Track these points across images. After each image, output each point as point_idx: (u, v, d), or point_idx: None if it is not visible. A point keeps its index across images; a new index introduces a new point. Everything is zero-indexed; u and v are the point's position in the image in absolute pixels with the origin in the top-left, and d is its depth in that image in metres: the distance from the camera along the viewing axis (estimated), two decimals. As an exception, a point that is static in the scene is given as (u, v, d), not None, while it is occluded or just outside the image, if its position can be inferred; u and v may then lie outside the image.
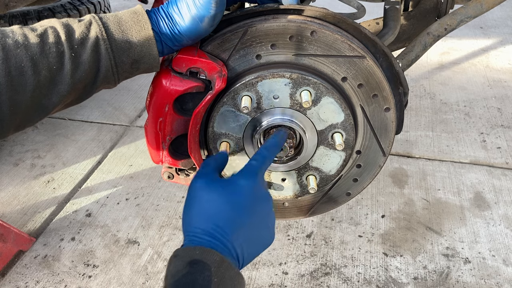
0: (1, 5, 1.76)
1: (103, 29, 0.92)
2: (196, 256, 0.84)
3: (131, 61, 0.96)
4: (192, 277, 0.81)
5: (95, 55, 0.92)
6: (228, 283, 0.83)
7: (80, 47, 0.91)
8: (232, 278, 0.85)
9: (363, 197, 2.47)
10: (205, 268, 0.82)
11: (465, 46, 4.22)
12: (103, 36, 0.92)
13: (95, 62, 0.92)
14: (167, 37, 0.99)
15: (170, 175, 1.25)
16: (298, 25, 1.07)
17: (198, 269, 0.82)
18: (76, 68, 0.90)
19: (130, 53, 0.95)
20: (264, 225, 0.96)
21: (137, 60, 0.97)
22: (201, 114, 1.11)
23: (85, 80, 0.93)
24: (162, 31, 0.98)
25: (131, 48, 0.95)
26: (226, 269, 0.84)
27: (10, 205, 2.50)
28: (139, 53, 0.96)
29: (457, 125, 3.09)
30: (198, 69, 1.06)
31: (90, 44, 0.91)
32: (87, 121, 3.22)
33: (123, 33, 0.94)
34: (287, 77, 1.08)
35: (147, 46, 0.96)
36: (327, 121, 1.14)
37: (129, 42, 0.94)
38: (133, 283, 2.05)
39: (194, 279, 0.81)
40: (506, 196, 2.48)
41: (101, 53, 0.92)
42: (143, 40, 0.95)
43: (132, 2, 5.52)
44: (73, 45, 0.90)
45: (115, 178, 2.69)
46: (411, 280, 2.03)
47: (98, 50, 0.92)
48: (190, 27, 0.99)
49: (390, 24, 1.65)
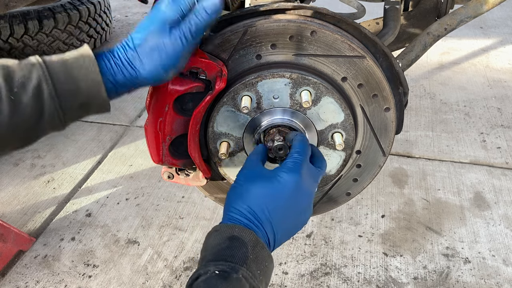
0: (1, 5, 1.76)
1: (47, 72, 0.87)
2: (235, 232, 0.91)
3: (78, 105, 0.91)
4: (231, 251, 0.88)
5: (36, 99, 0.86)
6: (261, 262, 0.90)
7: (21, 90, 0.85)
8: (265, 258, 0.91)
9: (363, 197, 2.47)
10: (243, 245, 0.89)
11: (465, 46, 4.22)
12: (46, 79, 0.86)
13: (37, 106, 0.87)
14: (119, 83, 0.93)
15: (170, 175, 1.25)
16: (298, 25, 1.07)
17: (237, 244, 0.89)
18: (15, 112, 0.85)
19: (77, 97, 0.89)
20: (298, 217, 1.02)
21: (85, 104, 0.91)
22: (201, 114, 1.11)
23: (26, 125, 0.88)
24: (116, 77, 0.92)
25: (77, 92, 0.89)
26: (260, 249, 0.91)
27: (10, 205, 2.50)
28: (87, 97, 0.90)
29: (457, 125, 3.09)
30: (198, 69, 1.06)
31: (32, 88, 0.86)
32: (87, 121, 3.22)
33: (69, 77, 0.88)
34: (287, 77, 1.08)
35: (95, 90, 0.90)
36: (327, 121, 1.14)
37: (75, 86, 0.88)
38: (133, 283, 2.05)
39: (233, 253, 0.88)
40: (506, 196, 2.48)
41: (44, 97, 0.87)
42: (90, 84, 0.89)
43: (132, 2, 5.53)
44: (12, 88, 0.85)
45: (115, 178, 2.69)
46: (411, 280, 2.03)
47: (41, 94, 0.86)
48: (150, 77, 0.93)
49: (390, 24, 1.65)
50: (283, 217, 0.98)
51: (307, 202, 1.02)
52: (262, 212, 0.96)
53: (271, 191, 0.98)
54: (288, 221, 1.00)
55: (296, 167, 1.01)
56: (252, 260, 0.88)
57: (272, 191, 0.98)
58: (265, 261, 0.91)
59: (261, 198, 0.97)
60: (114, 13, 5.11)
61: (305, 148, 1.05)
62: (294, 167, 1.00)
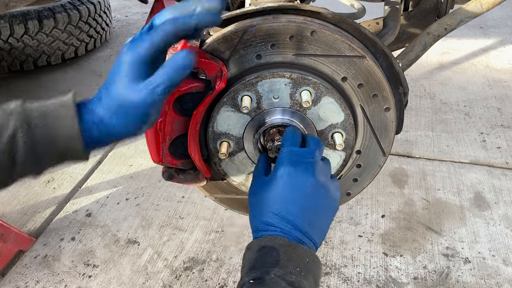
0: (1, 5, 1.76)
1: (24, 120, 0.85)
2: (264, 243, 0.94)
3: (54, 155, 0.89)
4: (262, 259, 0.91)
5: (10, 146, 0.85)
6: (297, 260, 0.91)
7: None
8: (302, 256, 0.92)
9: (363, 197, 2.47)
10: (273, 250, 0.91)
11: (465, 46, 4.22)
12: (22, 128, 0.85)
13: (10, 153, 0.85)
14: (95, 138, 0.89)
15: (170, 175, 1.25)
16: (298, 25, 1.07)
17: (267, 252, 0.91)
18: None
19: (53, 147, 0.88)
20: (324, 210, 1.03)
21: (62, 154, 0.90)
22: (201, 114, 1.11)
23: None
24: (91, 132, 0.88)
25: (54, 142, 0.87)
26: (294, 249, 0.92)
27: (10, 205, 2.50)
28: (64, 148, 0.88)
29: (457, 125, 3.09)
30: (198, 69, 1.06)
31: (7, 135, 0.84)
32: (87, 121, 3.21)
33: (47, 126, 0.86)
34: (287, 77, 1.08)
35: (72, 142, 0.87)
36: (327, 121, 1.14)
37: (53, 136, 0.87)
38: (133, 283, 2.05)
39: (264, 259, 0.90)
40: (506, 196, 2.48)
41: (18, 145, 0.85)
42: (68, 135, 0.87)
43: (132, 2, 5.53)
44: None
45: (115, 178, 2.69)
46: (411, 280, 2.03)
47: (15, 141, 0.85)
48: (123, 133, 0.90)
49: (390, 24, 1.65)
50: (297, 208, 0.98)
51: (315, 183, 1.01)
52: (278, 215, 0.97)
53: (276, 192, 0.99)
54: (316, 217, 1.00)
55: (280, 159, 1.02)
56: (286, 260, 0.90)
57: (276, 192, 0.99)
58: (304, 258, 0.92)
59: (272, 205, 0.98)
60: (114, 13, 5.11)
61: (287, 138, 1.07)
62: (278, 161, 1.03)
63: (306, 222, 0.98)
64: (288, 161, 1.01)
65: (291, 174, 1.00)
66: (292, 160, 1.02)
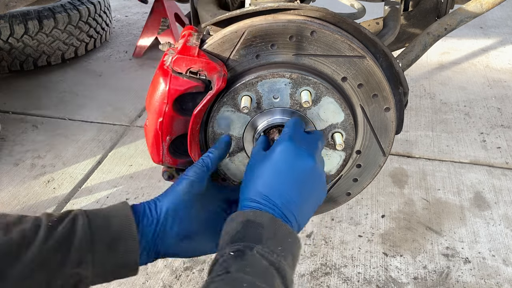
0: (1, 5, 1.76)
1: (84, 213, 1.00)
2: (249, 216, 0.93)
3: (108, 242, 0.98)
4: (246, 232, 0.90)
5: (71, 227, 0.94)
6: (282, 239, 0.90)
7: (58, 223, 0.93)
8: (285, 235, 0.92)
9: (363, 197, 2.48)
10: (258, 225, 0.91)
11: (465, 46, 4.22)
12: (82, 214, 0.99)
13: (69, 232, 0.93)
14: None
15: (170, 175, 1.25)
16: (298, 25, 1.07)
17: (251, 225, 0.91)
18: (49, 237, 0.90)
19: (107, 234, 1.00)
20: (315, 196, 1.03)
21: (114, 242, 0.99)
22: (201, 114, 1.11)
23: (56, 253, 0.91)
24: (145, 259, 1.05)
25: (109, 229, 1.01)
26: (278, 227, 0.92)
27: (10, 205, 2.50)
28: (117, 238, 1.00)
29: (457, 125, 3.10)
30: (198, 69, 1.06)
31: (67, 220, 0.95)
32: (87, 121, 3.22)
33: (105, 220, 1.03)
34: (287, 77, 1.08)
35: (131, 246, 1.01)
36: (327, 121, 1.14)
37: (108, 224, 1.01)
38: (133, 283, 2.05)
39: (248, 233, 0.90)
40: (506, 196, 2.48)
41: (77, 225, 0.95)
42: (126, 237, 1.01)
43: (132, 2, 5.52)
44: None
45: (115, 178, 2.69)
46: (411, 280, 2.03)
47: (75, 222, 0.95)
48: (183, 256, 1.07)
49: (390, 24, 1.65)
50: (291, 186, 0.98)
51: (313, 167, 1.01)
52: (271, 191, 0.96)
53: (272, 167, 0.99)
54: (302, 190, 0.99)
55: (283, 137, 1.03)
56: (269, 238, 0.89)
57: (272, 167, 0.99)
58: (287, 237, 0.91)
59: (266, 178, 0.98)
60: (114, 13, 5.11)
61: (291, 123, 1.08)
62: (281, 138, 1.03)
63: (296, 203, 0.97)
64: (290, 139, 1.01)
65: (291, 152, 1.00)
66: (296, 139, 1.02)
